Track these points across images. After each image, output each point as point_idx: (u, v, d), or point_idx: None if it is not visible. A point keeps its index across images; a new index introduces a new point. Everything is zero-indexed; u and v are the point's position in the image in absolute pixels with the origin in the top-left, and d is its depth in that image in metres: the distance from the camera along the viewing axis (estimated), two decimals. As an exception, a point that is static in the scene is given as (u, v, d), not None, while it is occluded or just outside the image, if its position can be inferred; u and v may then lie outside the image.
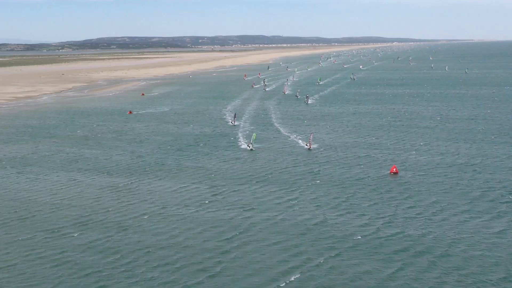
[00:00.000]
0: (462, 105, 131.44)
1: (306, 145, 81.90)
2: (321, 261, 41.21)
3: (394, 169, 67.25)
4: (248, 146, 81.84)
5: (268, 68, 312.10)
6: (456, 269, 39.48)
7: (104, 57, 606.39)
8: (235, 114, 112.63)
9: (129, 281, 38.67)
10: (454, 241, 44.44)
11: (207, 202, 56.65)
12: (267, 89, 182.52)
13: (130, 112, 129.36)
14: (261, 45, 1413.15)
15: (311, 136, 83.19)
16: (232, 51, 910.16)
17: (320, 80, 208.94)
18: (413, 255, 41.93)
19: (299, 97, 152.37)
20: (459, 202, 54.91)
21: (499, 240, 44.70)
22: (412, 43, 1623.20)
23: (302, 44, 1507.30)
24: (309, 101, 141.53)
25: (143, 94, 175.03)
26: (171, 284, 38.07)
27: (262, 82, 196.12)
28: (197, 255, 42.85)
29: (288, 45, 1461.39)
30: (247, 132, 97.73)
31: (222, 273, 39.57)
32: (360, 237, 45.80)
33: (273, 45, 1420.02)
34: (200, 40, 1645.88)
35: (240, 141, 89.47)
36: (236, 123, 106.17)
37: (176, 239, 46.41)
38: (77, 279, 39.23)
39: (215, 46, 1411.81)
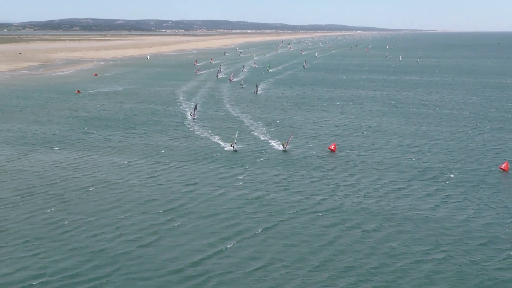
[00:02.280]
0: (412, 92, 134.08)
1: (283, 144, 70.93)
2: (256, 233, 42.10)
3: (332, 147, 68.90)
4: (231, 146, 70.49)
5: (224, 54, 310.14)
6: (386, 241, 40.75)
7: (65, 38, 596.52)
8: (196, 105, 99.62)
9: (63, 248, 39.01)
10: (386, 216, 45.74)
11: (151, 177, 56.96)
12: (219, 76, 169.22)
13: (79, 92, 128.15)
14: (225, 31, 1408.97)
15: (291, 137, 73.10)
16: (195, 35, 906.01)
17: (269, 67, 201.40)
18: (345, 229, 43.03)
19: (244, 86, 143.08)
20: (397, 180, 56.38)
21: (431, 215, 46.18)
22: (375, 32, 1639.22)
23: (267, 30, 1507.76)
24: (259, 91, 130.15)
25: (96, 75, 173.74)
26: (104, 252, 38.45)
27: (218, 67, 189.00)
28: (134, 226, 43.29)
29: (253, 31, 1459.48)
30: (198, 116, 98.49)
31: (155, 244, 40.10)
32: (295, 212, 46.88)
33: (238, 31, 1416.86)
34: (164, 24, 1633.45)
35: (188, 120, 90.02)
36: (195, 117, 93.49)
37: (116, 211, 46.77)
38: (14, 246, 39.50)
39: (179, 30, 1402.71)
